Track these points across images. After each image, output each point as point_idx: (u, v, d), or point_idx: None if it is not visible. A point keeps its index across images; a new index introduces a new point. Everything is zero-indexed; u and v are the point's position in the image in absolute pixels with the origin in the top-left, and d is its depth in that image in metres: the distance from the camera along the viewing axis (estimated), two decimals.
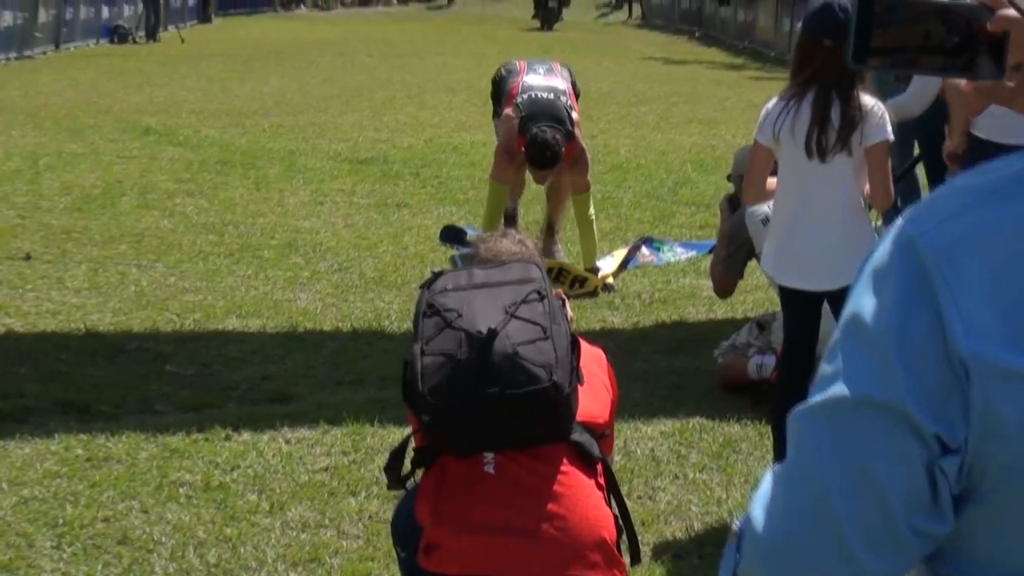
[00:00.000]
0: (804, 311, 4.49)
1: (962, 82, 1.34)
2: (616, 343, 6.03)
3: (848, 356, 1.14)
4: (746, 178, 4.60)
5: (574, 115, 7.29)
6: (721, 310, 6.90)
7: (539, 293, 3.02)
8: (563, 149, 7.07)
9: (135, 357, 6.06)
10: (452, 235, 8.14)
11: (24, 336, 6.33)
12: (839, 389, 1.14)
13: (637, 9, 35.75)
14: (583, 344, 3.15)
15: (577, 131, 7.30)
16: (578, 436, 3.03)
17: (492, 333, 2.91)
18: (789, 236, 4.44)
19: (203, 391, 5.64)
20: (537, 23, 31.20)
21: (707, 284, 7.36)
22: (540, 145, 7.07)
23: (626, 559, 3.14)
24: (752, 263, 5.87)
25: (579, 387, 3.01)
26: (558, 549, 2.94)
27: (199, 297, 7.03)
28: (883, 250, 1.15)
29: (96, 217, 8.93)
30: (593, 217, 7.43)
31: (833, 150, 4.27)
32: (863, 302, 1.14)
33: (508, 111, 7.32)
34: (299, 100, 16.11)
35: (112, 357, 6.03)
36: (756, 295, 7.04)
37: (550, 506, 2.96)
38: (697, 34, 28.80)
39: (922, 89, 5.91)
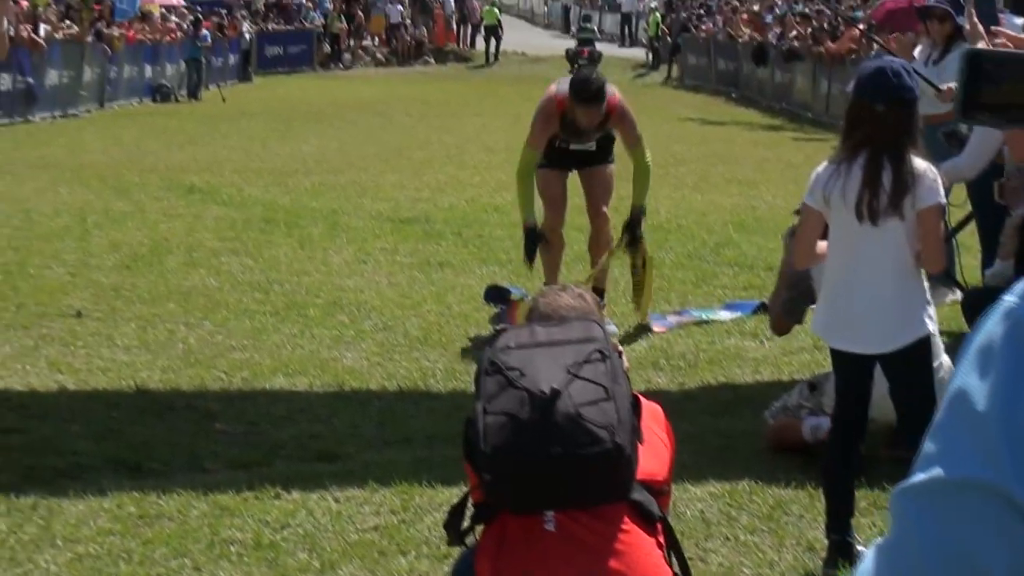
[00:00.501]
0: (856, 374, 4.49)
1: None
2: (662, 404, 6.02)
3: (951, 436, 1.12)
4: (796, 241, 4.62)
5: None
6: (767, 371, 6.90)
7: (601, 353, 3.03)
8: (606, 95, 7.17)
9: (184, 415, 6.11)
10: (497, 295, 8.16)
11: (76, 393, 6.39)
12: (941, 470, 1.12)
13: (674, 69, 35.91)
14: (642, 400, 3.17)
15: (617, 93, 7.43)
16: (638, 495, 3.04)
17: (555, 393, 2.93)
18: (840, 299, 4.45)
19: (251, 449, 5.67)
20: None
21: (752, 345, 7.38)
22: (583, 80, 7.34)
23: None
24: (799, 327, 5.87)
25: (639, 445, 3.03)
26: None
27: (246, 355, 7.09)
28: (990, 326, 1.14)
29: (144, 275, 9.03)
30: (650, 163, 7.63)
31: (885, 214, 4.29)
32: (968, 380, 1.12)
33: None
34: (339, 159, 16.27)
35: (162, 415, 6.09)
36: (802, 356, 7.03)
37: (611, 564, 2.96)
38: (734, 95, 28.90)
39: (978, 153, 5.91)
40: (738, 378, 6.81)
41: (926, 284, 4.51)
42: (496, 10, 41.57)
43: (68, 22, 23.33)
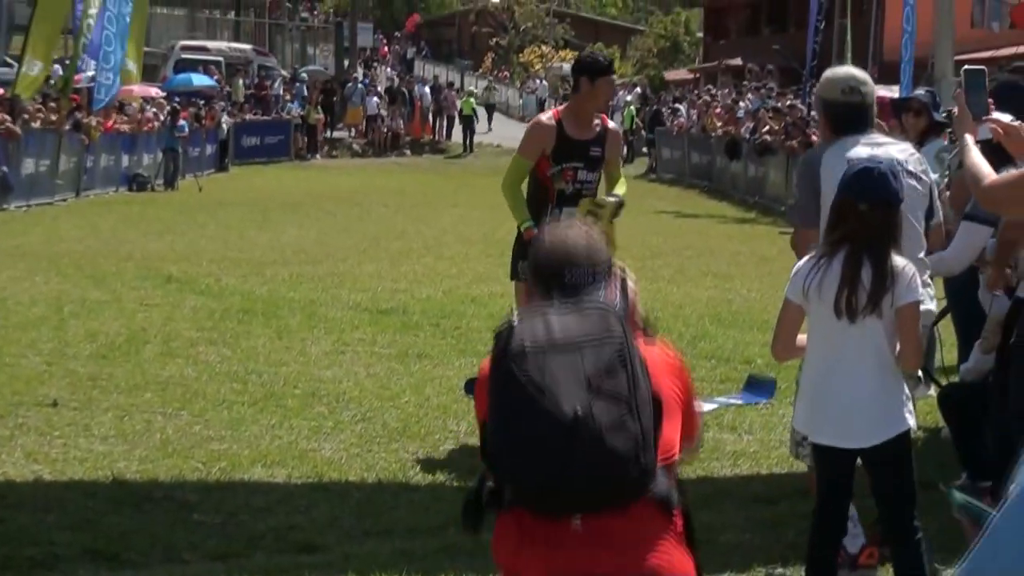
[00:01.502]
0: (838, 469, 4.51)
1: None
2: None
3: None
4: (775, 334, 4.67)
5: None
6: (746, 465, 6.92)
7: (620, 356, 2.93)
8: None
9: (162, 506, 6.07)
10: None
11: (53, 483, 6.35)
12: None
13: (648, 162, 36.29)
14: (650, 355, 3.09)
15: None
16: (659, 487, 2.98)
17: (577, 419, 2.85)
18: (821, 394, 4.49)
19: (230, 540, 5.64)
20: None
21: (731, 438, 7.40)
22: (590, 55, 7.54)
23: None
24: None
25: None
26: None
27: (224, 446, 7.07)
28: None
29: (121, 364, 9.01)
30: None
31: (864, 311, 4.34)
32: None
33: None
34: (317, 250, 16.32)
35: (139, 505, 6.05)
36: (781, 451, 7.05)
37: (632, 553, 2.92)
38: (707, 188, 29.20)
39: (965, 247, 5.98)
40: (716, 471, 6.82)
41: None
42: (472, 100, 42.03)
43: (45, 110, 23.41)
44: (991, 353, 5.90)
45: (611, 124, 7.50)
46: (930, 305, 5.09)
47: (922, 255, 5.14)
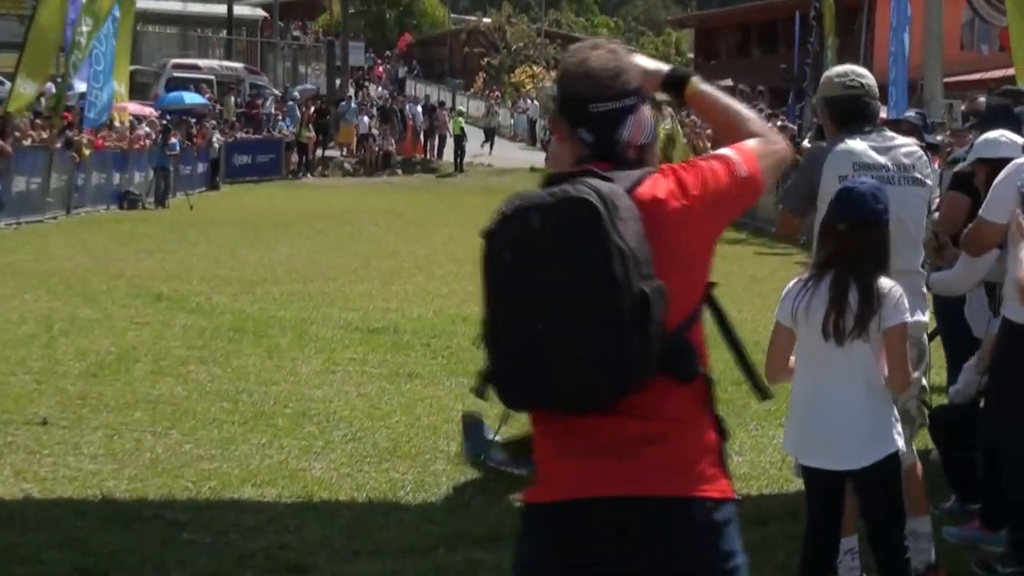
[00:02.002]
0: (827, 491, 4.52)
1: None
2: None
3: None
4: (768, 357, 4.68)
5: None
6: (736, 486, 6.89)
7: (599, 261, 2.68)
8: None
9: (151, 524, 6.06)
10: (474, 436, 7.31)
11: (42, 502, 6.34)
12: None
13: None
14: (651, 206, 2.78)
15: None
16: (672, 364, 2.77)
17: (540, 336, 2.70)
18: (810, 416, 4.50)
19: (219, 560, 5.62)
20: None
21: None
22: None
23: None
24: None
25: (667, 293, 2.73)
26: (662, 465, 2.77)
27: (214, 465, 7.06)
28: None
29: (111, 383, 9.00)
30: None
31: (851, 335, 4.36)
32: None
33: None
34: (308, 269, 16.32)
35: (128, 524, 6.04)
36: (771, 472, 7.05)
37: (651, 426, 2.77)
38: None
39: (972, 268, 5.95)
40: None
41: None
42: (462, 120, 42.11)
43: (36, 128, 23.42)
44: (981, 376, 5.92)
45: None
46: (922, 317, 5.11)
47: (919, 264, 5.16)
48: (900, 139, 5.29)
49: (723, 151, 2.96)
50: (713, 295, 2.93)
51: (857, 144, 5.07)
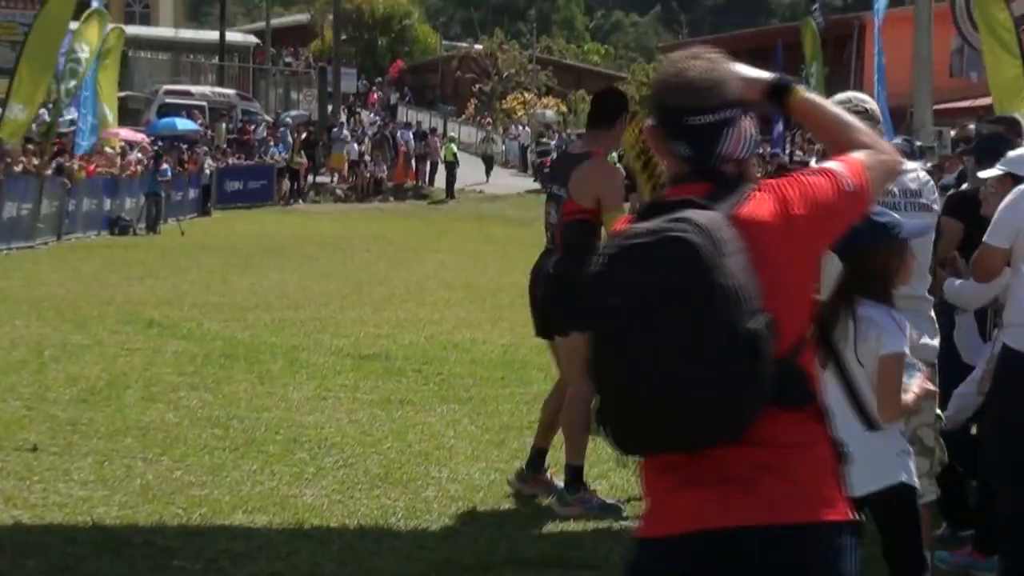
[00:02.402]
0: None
1: None
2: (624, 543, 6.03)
3: None
4: None
5: None
6: None
7: (703, 301, 2.62)
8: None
9: (142, 551, 6.03)
10: None
11: (32, 528, 6.31)
12: None
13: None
14: (755, 235, 2.67)
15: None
16: (784, 393, 2.67)
17: (643, 380, 2.65)
18: None
19: None
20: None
21: None
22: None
23: None
24: None
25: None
26: (780, 492, 2.67)
27: (205, 491, 7.03)
28: None
29: (101, 409, 8.97)
30: None
31: (844, 362, 4.36)
32: None
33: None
34: (299, 295, 16.32)
35: (119, 551, 6.01)
36: None
37: (766, 453, 2.68)
38: None
39: (987, 288, 5.91)
40: None
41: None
42: (454, 146, 42.21)
43: (27, 154, 23.42)
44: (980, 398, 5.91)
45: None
46: (929, 341, 5.10)
47: (927, 290, 5.15)
48: (907, 164, 5.30)
49: (829, 164, 2.87)
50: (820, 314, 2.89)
51: None
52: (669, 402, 2.60)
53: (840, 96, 5.46)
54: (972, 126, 9.51)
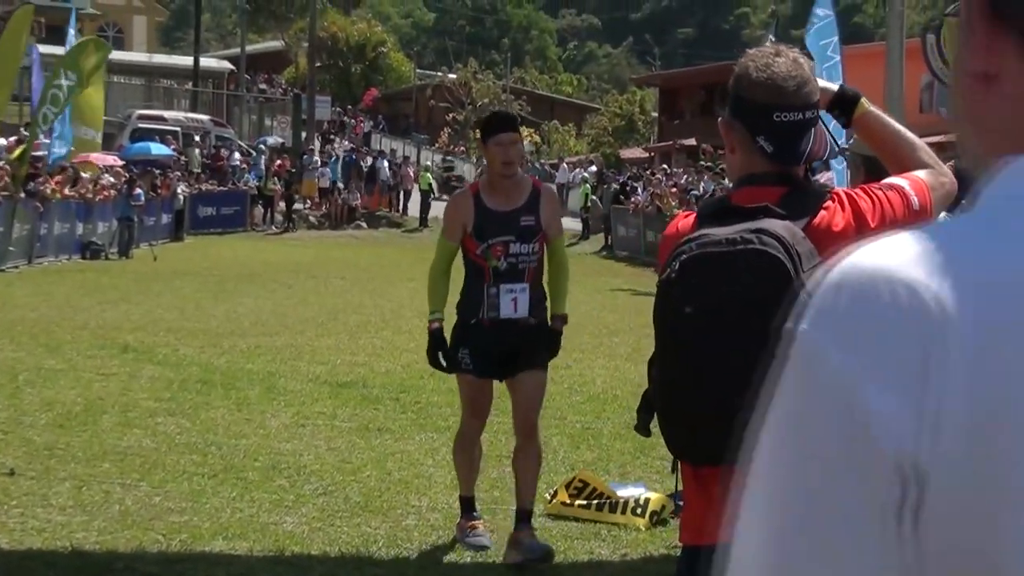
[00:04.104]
0: None
1: None
2: None
3: None
4: None
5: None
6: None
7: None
8: (517, 121, 6.71)
9: None
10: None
11: (11, 553, 6.27)
12: None
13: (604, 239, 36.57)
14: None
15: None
16: None
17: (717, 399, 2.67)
18: None
19: None
20: None
21: None
22: (497, 112, 7.05)
23: None
24: None
25: None
26: None
27: (184, 518, 7.01)
28: None
29: (78, 434, 8.93)
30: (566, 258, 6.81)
31: None
32: None
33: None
34: (275, 322, 16.29)
35: None
36: None
37: None
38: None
39: None
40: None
41: None
42: (429, 175, 42.28)
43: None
44: None
45: (545, 185, 6.79)
46: None
47: None
48: None
49: (896, 180, 2.87)
50: None
51: None
52: (733, 413, 2.62)
53: None
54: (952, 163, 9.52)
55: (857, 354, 0.94)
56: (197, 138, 41.79)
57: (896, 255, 0.97)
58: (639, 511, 7.16)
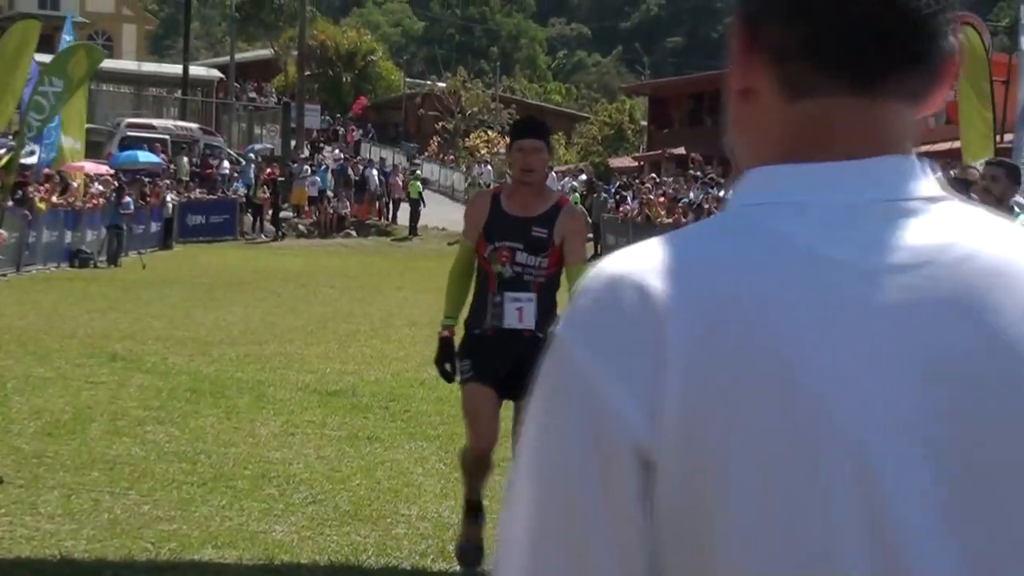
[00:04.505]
0: None
1: None
2: None
3: None
4: None
5: None
6: None
7: None
8: (547, 129, 6.64)
9: None
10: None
11: (0, 562, 6.26)
12: None
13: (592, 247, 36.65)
14: None
15: None
16: None
17: None
18: None
19: None
20: None
21: None
22: (526, 118, 7.03)
23: None
24: None
25: None
26: None
27: (174, 526, 7.00)
28: None
29: (67, 442, 8.91)
30: None
31: None
32: None
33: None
34: (264, 330, 16.27)
35: None
36: None
37: None
38: None
39: None
40: None
41: None
42: (419, 184, 42.31)
43: None
44: None
45: (571, 206, 6.59)
46: None
47: None
48: None
49: None
50: None
51: None
52: None
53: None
54: (973, 168, 9.32)
55: (597, 354, 1.05)
56: (185, 146, 41.75)
57: (636, 260, 1.09)
58: None
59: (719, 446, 1.03)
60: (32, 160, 25.82)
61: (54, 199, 26.29)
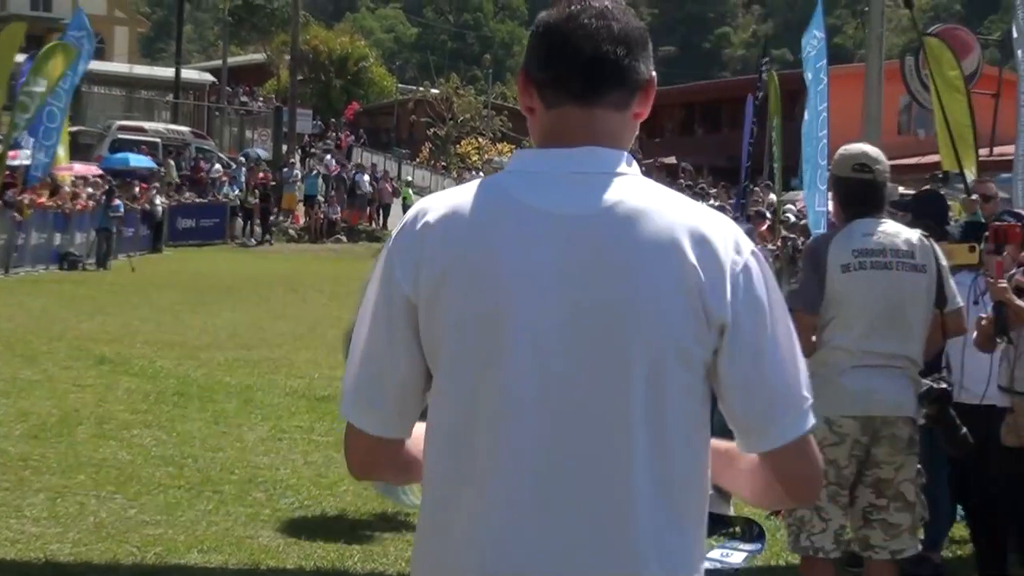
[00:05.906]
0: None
1: None
2: None
3: None
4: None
5: None
6: None
7: None
8: None
9: None
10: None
11: None
12: None
13: None
14: None
15: None
16: None
17: None
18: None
19: None
20: None
21: None
22: None
23: None
24: None
25: None
26: None
27: (159, 531, 6.98)
28: None
29: (53, 446, 8.89)
30: None
31: None
32: None
33: None
34: (252, 334, 16.25)
35: None
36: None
37: None
38: None
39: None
40: None
41: None
42: (410, 190, 42.29)
43: None
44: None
45: None
46: (906, 403, 5.09)
47: (915, 352, 5.04)
48: (903, 228, 5.22)
49: None
50: None
51: (855, 230, 5.05)
52: None
53: (853, 149, 5.07)
54: (992, 184, 9.16)
55: (392, 251, 2.03)
56: (174, 150, 41.63)
57: (428, 200, 2.05)
58: None
59: (442, 305, 1.98)
60: (26, 162, 25.72)
61: (43, 200, 26.18)
